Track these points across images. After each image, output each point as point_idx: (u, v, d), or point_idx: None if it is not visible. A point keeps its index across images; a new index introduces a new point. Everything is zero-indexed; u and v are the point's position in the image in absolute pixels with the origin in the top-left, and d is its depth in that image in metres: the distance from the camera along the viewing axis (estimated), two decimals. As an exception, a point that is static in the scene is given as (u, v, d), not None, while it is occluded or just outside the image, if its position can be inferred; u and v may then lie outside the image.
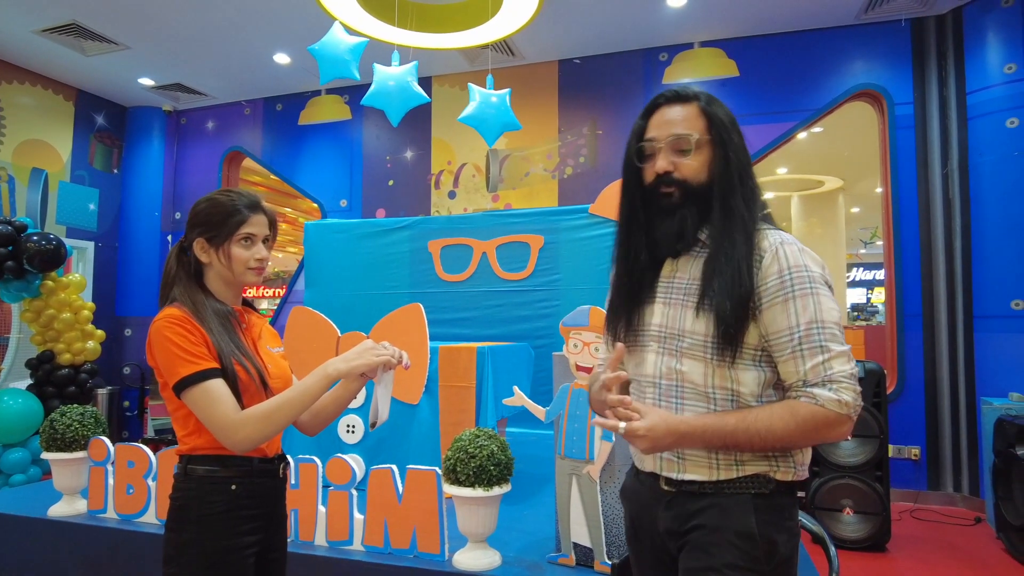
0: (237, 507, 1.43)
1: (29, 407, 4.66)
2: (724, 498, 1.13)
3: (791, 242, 1.16)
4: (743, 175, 1.19)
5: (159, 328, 1.39)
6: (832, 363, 1.09)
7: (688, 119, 1.21)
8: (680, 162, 1.19)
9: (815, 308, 1.11)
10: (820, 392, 1.08)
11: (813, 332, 1.10)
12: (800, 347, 1.10)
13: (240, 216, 1.47)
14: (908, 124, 4.89)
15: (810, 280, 1.12)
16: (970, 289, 4.58)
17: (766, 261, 1.14)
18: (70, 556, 2.66)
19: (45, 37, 5.32)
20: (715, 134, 1.20)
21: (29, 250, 4.75)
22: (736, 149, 1.19)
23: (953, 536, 4.02)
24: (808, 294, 1.12)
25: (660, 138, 1.21)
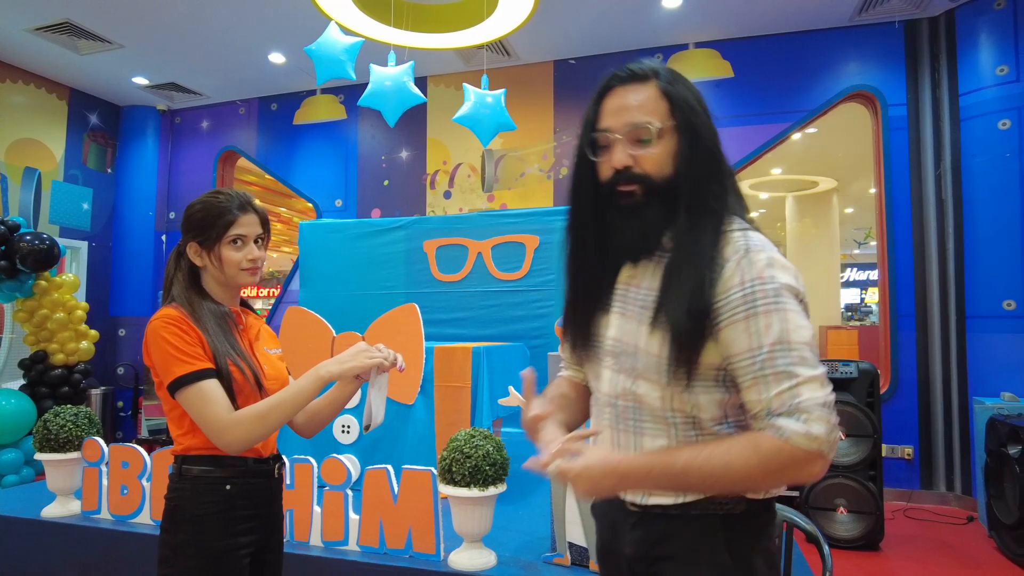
0: (232, 507, 1.43)
1: (22, 407, 4.64)
2: (692, 522, 1.02)
3: (758, 247, 0.99)
4: (713, 164, 1.03)
5: (155, 328, 1.40)
6: (801, 389, 0.92)
7: (647, 103, 1.04)
8: (640, 154, 1.03)
9: (780, 326, 0.94)
10: (786, 423, 0.92)
11: (778, 354, 0.94)
12: (763, 372, 0.94)
13: (229, 217, 1.47)
14: (901, 125, 4.92)
15: (775, 294, 0.96)
16: (962, 289, 4.61)
17: (727, 271, 0.98)
18: (64, 557, 2.65)
19: (38, 36, 5.29)
20: (680, 118, 1.03)
21: (22, 250, 4.73)
22: (704, 134, 1.03)
23: (946, 535, 4.04)
24: (773, 310, 0.95)
25: (616, 127, 1.04)
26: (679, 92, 1.05)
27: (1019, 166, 4.34)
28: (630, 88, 1.06)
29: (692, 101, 1.05)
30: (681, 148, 1.03)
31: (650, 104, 1.04)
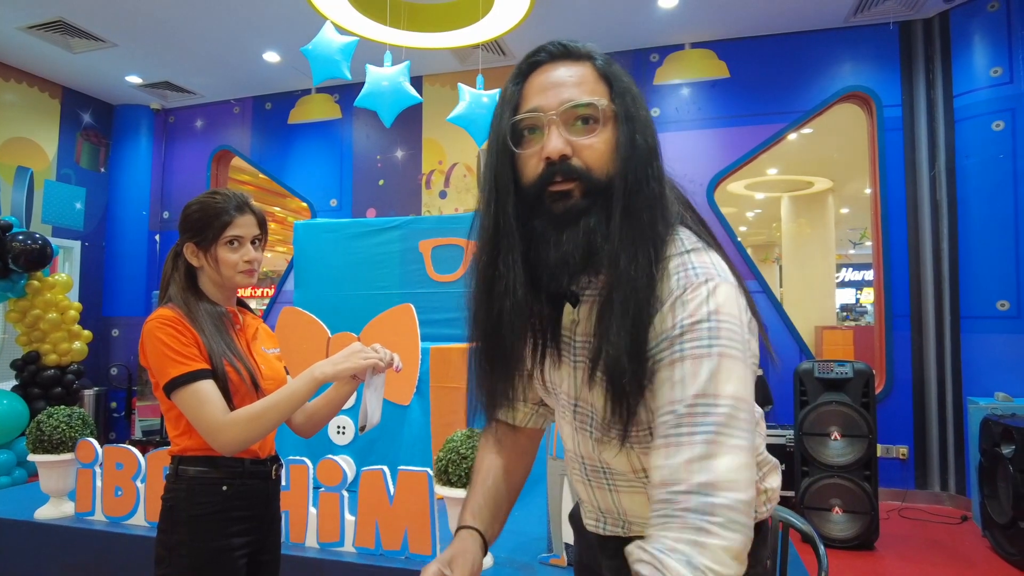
0: (228, 508, 1.43)
1: (14, 408, 4.61)
2: None
3: (697, 280, 0.78)
4: (654, 166, 0.83)
5: (151, 329, 1.40)
6: (715, 464, 0.70)
7: (585, 82, 0.84)
8: (580, 141, 0.82)
9: (710, 375, 0.74)
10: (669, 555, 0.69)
11: (699, 409, 0.73)
12: (677, 430, 0.74)
13: (226, 218, 1.47)
14: (896, 126, 4.94)
15: (712, 335, 0.75)
16: (957, 290, 4.63)
17: (665, 306, 0.78)
18: (57, 560, 2.63)
19: (31, 34, 5.26)
20: (620, 105, 0.84)
21: (14, 249, 4.70)
22: (645, 128, 0.84)
23: (940, 534, 4.06)
24: (705, 355, 0.74)
25: (548, 107, 0.82)
26: (619, 75, 0.86)
27: (1013, 167, 4.36)
28: (562, 64, 0.86)
29: (633, 88, 0.86)
30: (621, 141, 0.82)
31: (589, 83, 0.84)
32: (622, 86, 0.85)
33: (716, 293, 0.77)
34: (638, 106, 0.85)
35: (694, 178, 5.21)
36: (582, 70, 0.85)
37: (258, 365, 1.51)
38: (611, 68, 0.87)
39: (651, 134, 0.85)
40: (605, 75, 0.86)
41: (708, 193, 5.18)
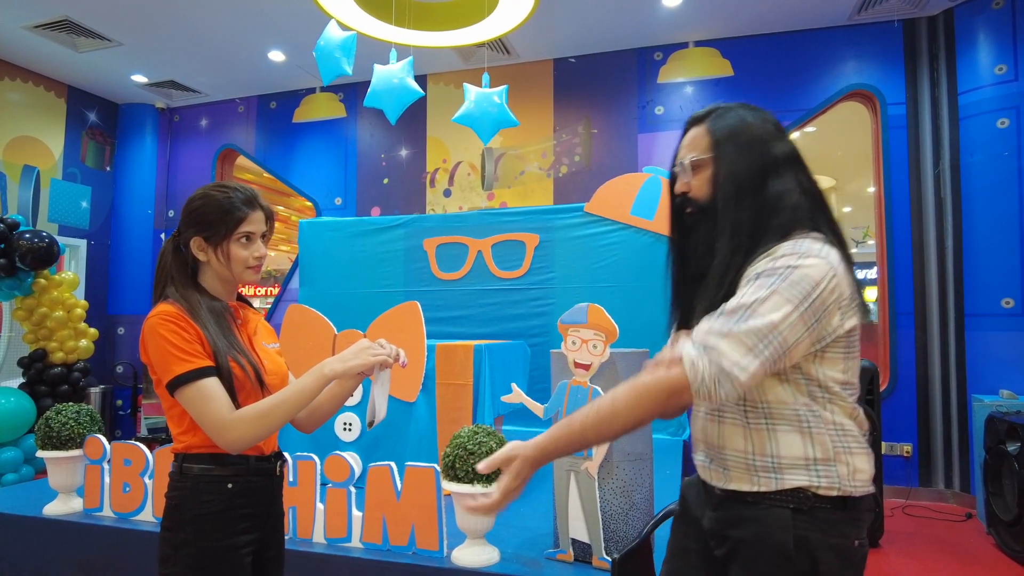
0: (233, 506, 1.42)
1: (21, 406, 4.63)
2: (765, 511, 1.09)
3: (803, 250, 1.06)
4: (743, 187, 1.14)
5: (153, 325, 1.37)
6: (725, 341, 1.01)
7: (695, 140, 1.23)
8: (689, 182, 1.22)
9: (759, 299, 1.03)
10: (687, 345, 1.04)
11: (738, 312, 1.03)
12: (719, 316, 1.05)
13: (239, 214, 1.44)
14: (900, 124, 4.93)
15: (780, 278, 1.04)
16: (961, 287, 4.63)
17: (769, 255, 1.09)
18: (66, 555, 2.65)
19: (37, 33, 5.28)
20: (716, 151, 1.19)
21: (21, 248, 4.72)
22: (731, 161, 1.16)
23: (944, 532, 4.06)
24: (766, 287, 1.04)
25: (679, 162, 1.26)
26: (718, 127, 1.20)
27: (1018, 165, 4.36)
28: (690, 129, 1.26)
29: (728, 134, 1.18)
30: (715, 176, 1.18)
31: (697, 140, 1.22)
32: (717, 136, 1.20)
33: (804, 259, 1.05)
34: (727, 145, 1.18)
35: (698, 176, 5.21)
36: (697, 131, 1.24)
37: (261, 360, 1.49)
38: (716, 122, 1.21)
39: (740, 163, 1.16)
40: (710, 129, 1.21)
41: (712, 191, 5.19)
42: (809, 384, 1.10)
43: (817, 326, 1.05)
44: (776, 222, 1.12)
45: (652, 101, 5.52)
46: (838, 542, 1.07)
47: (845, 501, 1.09)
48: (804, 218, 1.13)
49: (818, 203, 1.17)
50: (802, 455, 1.09)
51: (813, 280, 1.03)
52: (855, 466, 1.10)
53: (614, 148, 5.59)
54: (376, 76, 3.80)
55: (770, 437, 1.11)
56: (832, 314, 1.06)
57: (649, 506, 2.21)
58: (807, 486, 1.08)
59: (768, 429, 1.11)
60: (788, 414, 1.10)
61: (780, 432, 1.10)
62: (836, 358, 1.11)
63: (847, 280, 1.08)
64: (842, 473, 1.08)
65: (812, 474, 1.08)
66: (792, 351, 1.04)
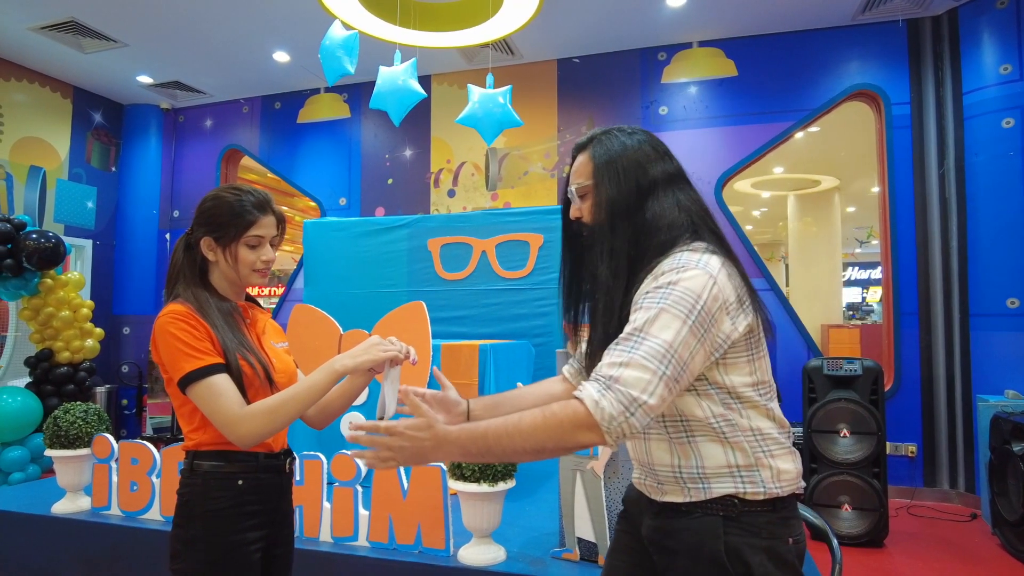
0: (243, 503, 1.43)
1: (27, 405, 4.66)
2: (698, 519, 1.12)
3: (683, 263, 1.08)
4: (620, 212, 1.17)
5: (163, 324, 1.39)
6: (626, 371, 1.00)
7: (579, 168, 1.25)
8: (581, 208, 1.25)
9: (648, 320, 1.04)
10: (588, 386, 1.02)
11: (633, 337, 1.04)
12: (616, 345, 1.05)
13: (249, 217, 1.46)
14: (904, 124, 4.93)
15: (663, 296, 1.05)
16: (966, 287, 4.62)
17: (652, 276, 1.10)
18: (74, 553, 2.66)
19: (43, 34, 5.31)
20: (596, 178, 1.21)
21: (28, 248, 4.74)
22: (608, 187, 1.18)
23: (949, 532, 4.06)
24: (652, 307, 1.05)
25: (569, 189, 1.29)
26: (598, 154, 1.22)
27: (1022, 164, 4.35)
28: (577, 156, 1.28)
29: (607, 160, 1.20)
30: (597, 201, 1.21)
31: (581, 168, 1.25)
32: (599, 161, 1.21)
33: (682, 273, 1.06)
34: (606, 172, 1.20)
35: (702, 176, 5.22)
36: (581, 158, 1.25)
37: (270, 359, 1.51)
38: (596, 148, 1.23)
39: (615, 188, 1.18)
40: (592, 156, 1.23)
41: (716, 191, 5.19)
42: (719, 393, 1.12)
43: (708, 336, 1.06)
44: (654, 243, 1.14)
45: (656, 101, 5.52)
46: (770, 544, 1.10)
47: (773, 503, 1.11)
48: (682, 234, 1.15)
49: (699, 216, 1.18)
50: (725, 463, 1.11)
51: (695, 292, 1.05)
52: (778, 467, 1.12)
53: (618, 148, 5.58)
54: (380, 78, 3.81)
55: (693, 449, 1.13)
56: (720, 321, 1.07)
57: (654, 505, 2.21)
58: (734, 493, 1.10)
59: (690, 442, 1.13)
60: (705, 425, 1.12)
61: (701, 443, 1.12)
62: (740, 362, 1.12)
63: (730, 284, 1.09)
64: (766, 477, 1.11)
65: (737, 480, 1.10)
66: (690, 365, 1.04)
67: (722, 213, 5.11)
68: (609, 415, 0.98)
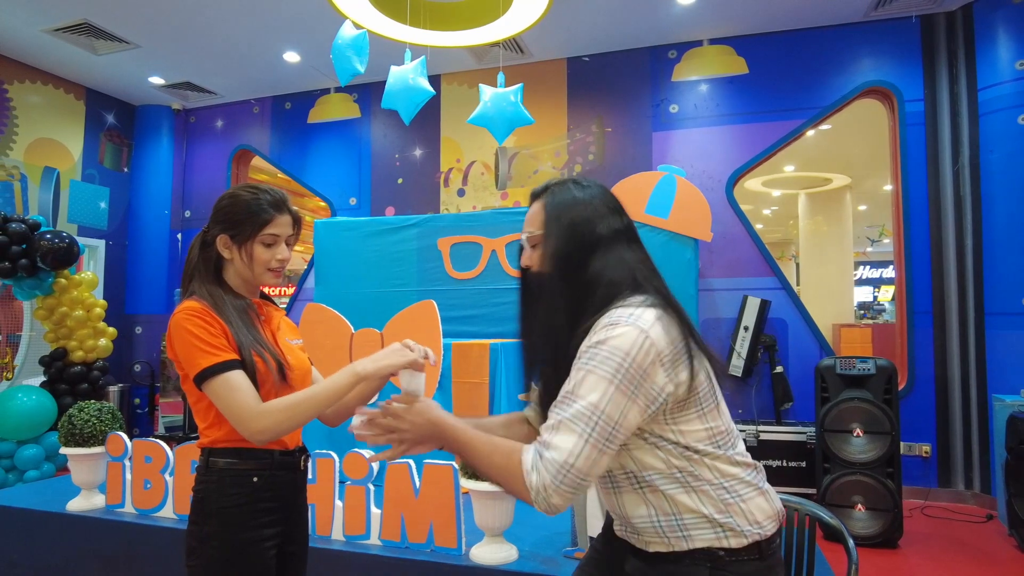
0: (257, 500, 1.44)
1: (42, 404, 4.70)
2: (686, 567, 1.11)
3: (614, 320, 1.07)
4: (565, 267, 1.16)
5: (179, 321, 1.39)
6: (556, 436, 1.03)
7: (533, 216, 1.24)
8: (532, 256, 1.25)
9: (577, 383, 1.05)
10: (531, 454, 1.06)
11: (565, 400, 1.06)
12: (553, 409, 1.08)
13: (265, 216, 1.47)
14: (918, 121, 4.88)
15: (591, 356, 1.05)
16: (981, 286, 4.57)
17: (588, 335, 1.10)
18: (88, 550, 2.69)
19: (56, 36, 5.35)
20: (546, 229, 1.20)
21: (42, 248, 4.78)
22: (555, 240, 1.18)
23: (964, 533, 4.02)
24: (582, 367, 1.06)
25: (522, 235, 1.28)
26: (551, 204, 1.21)
27: (1038, 161, 4.30)
28: (532, 204, 1.27)
29: (558, 212, 1.19)
30: (544, 252, 1.21)
31: (534, 217, 1.24)
32: (551, 211, 1.21)
33: (611, 331, 1.06)
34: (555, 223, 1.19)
35: (713, 174, 5.19)
36: (535, 207, 1.25)
37: (284, 356, 1.51)
38: (550, 198, 1.22)
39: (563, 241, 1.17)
40: (544, 205, 1.22)
41: (727, 189, 5.16)
42: (676, 448, 1.10)
43: (640, 391, 1.04)
44: (594, 298, 1.13)
45: (666, 99, 5.50)
46: None
47: (759, 546, 1.10)
48: (623, 290, 1.13)
49: (643, 274, 1.17)
50: (698, 512, 1.10)
51: (622, 350, 1.03)
52: (752, 512, 1.11)
53: (628, 147, 5.57)
54: (391, 77, 3.81)
55: (665, 499, 1.11)
56: (652, 374, 1.05)
57: (667, 505, 2.21)
58: (715, 542, 1.09)
59: (661, 492, 1.12)
60: (668, 478, 1.11)
61: (671, 493, 1.11)
62: (690, 418, 1.10)
63: (666, 337, 1.06)
64: (742, 523, 1.10)
65: (716, 529, 1.09)
66: (623, 424, 1.04)
67: (733, 211, 5.08)
68: (536, 486, 1.02)
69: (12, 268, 4.74)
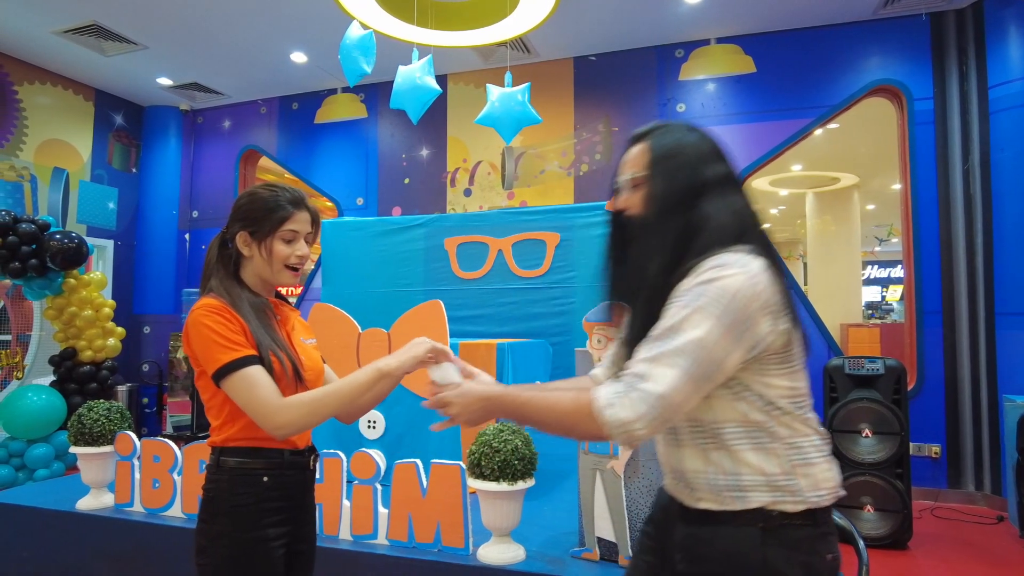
0: (267, 498, 1.44)
1: (52, 403, 4.73)
2: (735, 529, 1.10)
3: (722, 263, 1.06)
4: (672, 208, 1.14)
5: (197, 317, 1.40)
6: (655, 367, 1.02)
7: (635, 157, 1.22)
8: (624, 199, 1.23)
9: (681, 318, 1.03)
10: (609, 386, 1.05)
11: (664, 336, 1.04)
12: (649, 343, 1.06)
13: (284, 212, 1.48)
14: (927, 119, 4.85)
15: (698, 296, 1.04)
16: (991, 286, 4.53)
17: (691, 275, 1.08)
18: (98, 549, 2.70)
19: (65, 38, 5.38)
20: (652, 170, 1.19)
21: (52, 248, 4.81)
22: (663, 181, 1.16)
23: (975, 535, 3.99)
24: (686, 305, 1.04)
25: (617, 179, 1.27)
26: (657, 145, 1.20)
27: (1050, 160, 4.26)
28: (633, 146, 1.25)
29: (664, 153, 1.18)
30: (648, 195, 1.18)
31: (637, 158, 1.22)
32: (655, 154, 1.19)
33: (722, 271, 1.04)
34: (660, 165, 1.18)
35: (720, 174, 5.17)
36: (637, 149, 1.23)
37: (299, 356, 1.52)
38: (655, 139, 1.21)
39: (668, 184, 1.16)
40: (650, 147, 1.21)
41: (734, 189, 5.14)
42: (758, 400, 1.10)
43: (745, 335, 1.04)
44: (699, 243, 1.11)
45: (673, 99, 5.48)
46: (807, 559, 1.08)
47: (814, 514, 1.09)
48: (728, 237, 1.12)
49: (748, 222, 1.16)
50: (761, 472, 1.09)
51: (731, 291, 1.03)
52: (817, 476, 1.10)
53: (635, 146, 5.56)
54: (398, 77, 3.82)
55: (728, 456, 1.11)
56: (759, 321, 1.05)
57: (675, 505, 2.20)
58: (771, 504, 1.08)
59: (725, 448, 1.11)
60: (741, 432, 1.10)
61: (737, 451, 1.10)
62: (779, 372, 1.10)
63: (773, 287, 1.07)
64: (804, 486, 1.09)
65: (775, 491, 1.09)
66: (723, 364, 1.04)
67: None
68: (621, 419, 1.01)
69: (22, 268, 4.77)
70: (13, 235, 4.73)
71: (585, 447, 2.24)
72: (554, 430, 1.12)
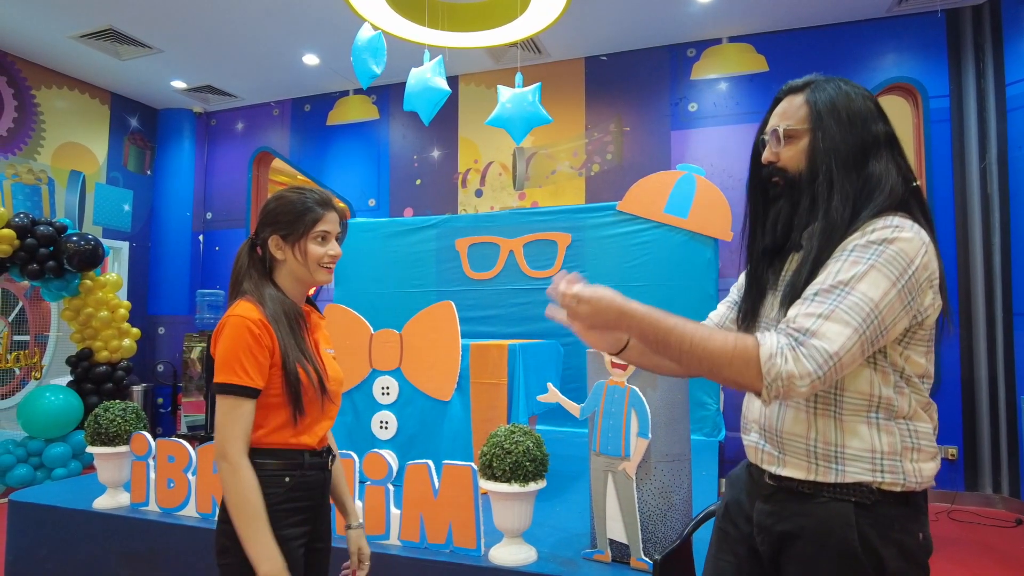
0: (289, 499, 1.46)
1: (69, 403, 4.79)
2: (823, 505, 1.06)
3: (900, 226, 1.01)
4: (845, 164, 1.09)
5: (235, 325, 1.41)
6: (826, 324, 0.96)
7: (791, 110, 1.17)
8: (778, 151, 1.17)
9: (857, 275, 0.98)
10: (776, 335, 0.98)
11: (835, 291, 0.98)
12: (814, 297, 1.00)
13: (315, 214, 1.50)
14: (943, 117, 4.79)
15: (875, 254, 0.98)
16: (1009, 286, 4.47)
17: (859, 231, 1.03)
18: (114, 547, 2.73)
19: (82, 42, 5.45)
20: (815, 123, 1.13)
21: (68, 250, 4.87)
22: (832, 136, 1.10)
23: (992, 538, 3.93)
24: (862, 262, 0.99)
25: (767, 131, 1.21)
26: (818, 98, 1.14)
27: (1069, 158, 4.20)
28: (786, 98, 1.21)
29: (829, 106, 1.13)
30: (810, 148, 1.13)
31: (794, 111, 1.17)
32: (817, 107, 1.14)
33: (899, 233, 1.00)
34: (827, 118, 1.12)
35: (733, 173, 5.14)
36: (794, 100, 1.18)
37: (324, 367, 1.54)
38: (815, 93, 1.15)
39: (837, 138, 1.10)
40: (809, 100, 1.15)
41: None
42: (894, 373, 1.06)
43: (913, 304, 1.01)
44: (873, 203, 1.06)
45: (685, 98, 5.46)
46: (901, 538, 1.05)
47: (907, 496, 1.06)
48: (899, 200, 1.08)
49: (912, 187, 1.12)
50: (869, 448, 1.05)
51: (908, 256, 0.99)
52: (921, 465, 1.07)
53: (646, 146, 5.54)
54: (411, 79, 3.83)
55: (837, 426, 1.07)
56: (925, 292, 1.03)
57: (687, 507, 2.19)
58: (870, 481, 1.05)
59: (836, 417, 1.07)
60: (862, 404, 1.06)
61: (849, 421, 1.06)
62: (920, 349, 1.08)
63: (938, 260, 1.05)
64: (908, 469, 1.05)
65: (876, 468, 1.05)
66: (890, 330, 1.00)
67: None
68: (783, 373, 0.94)
69: (40, 270, 4.84)
70: (31, 237, 4.80)
71: (597, 449, 2.23)
72: (694, 367, 1.02)
